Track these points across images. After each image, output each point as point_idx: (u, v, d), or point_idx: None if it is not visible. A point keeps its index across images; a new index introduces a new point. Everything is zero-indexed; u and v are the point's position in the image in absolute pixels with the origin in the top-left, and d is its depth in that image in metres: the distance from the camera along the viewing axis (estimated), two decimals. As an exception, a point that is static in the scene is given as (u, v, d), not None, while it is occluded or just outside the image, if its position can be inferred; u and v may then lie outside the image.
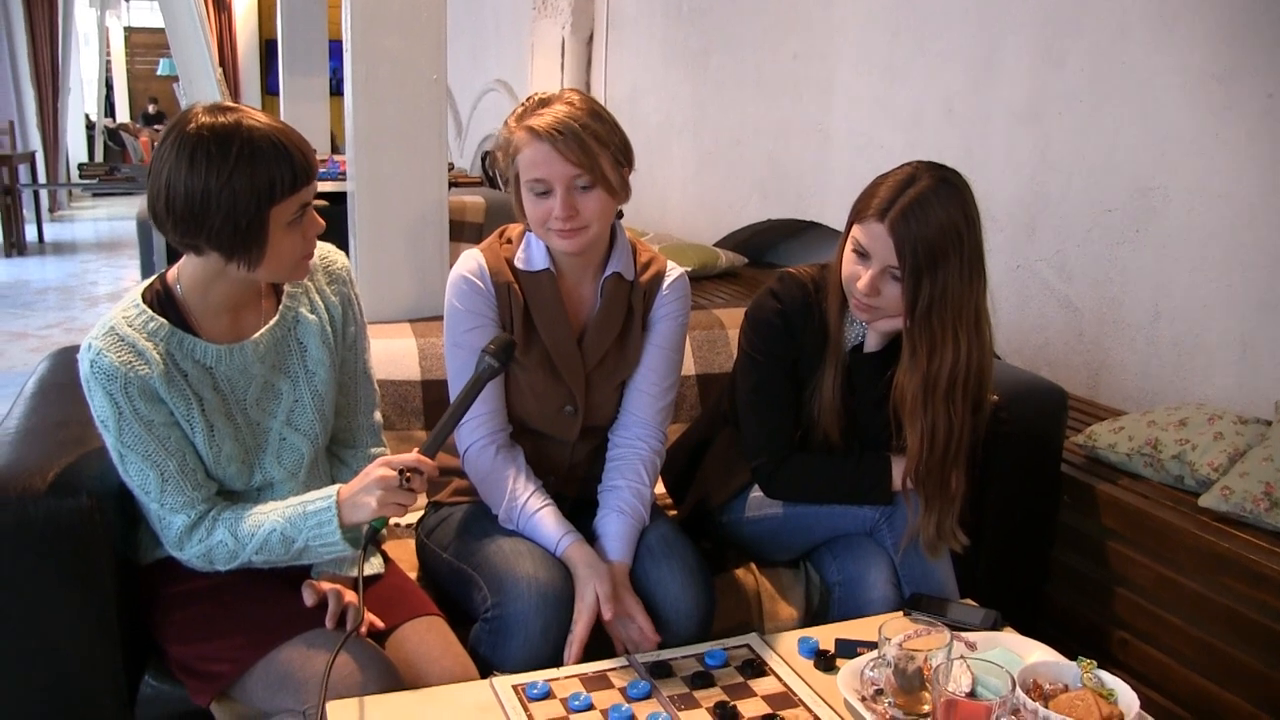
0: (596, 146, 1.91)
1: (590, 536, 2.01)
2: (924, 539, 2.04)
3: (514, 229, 2.11)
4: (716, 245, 5.29)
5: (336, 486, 1.76)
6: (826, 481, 2.11)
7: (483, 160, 7.48)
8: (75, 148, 13.52)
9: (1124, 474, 2.58)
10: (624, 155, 1.97)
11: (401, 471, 1.69)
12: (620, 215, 2.07)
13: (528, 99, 1.98)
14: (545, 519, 1.98)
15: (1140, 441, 2.55)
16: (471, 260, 2.05)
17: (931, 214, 1.87)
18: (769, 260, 5.47)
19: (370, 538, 1.76)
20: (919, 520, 2.03)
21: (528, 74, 7.46)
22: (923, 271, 1.89)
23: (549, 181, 1.91)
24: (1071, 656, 1.68)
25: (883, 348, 2.07)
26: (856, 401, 2.09)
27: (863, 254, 1.95)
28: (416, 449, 1.75)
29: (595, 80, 6.78)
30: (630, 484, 2.07)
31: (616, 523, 2.02)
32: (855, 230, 1.96)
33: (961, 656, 1.59)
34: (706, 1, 5.51)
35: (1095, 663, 1.63)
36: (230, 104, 1.67)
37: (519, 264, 2.05)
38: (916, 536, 2.04)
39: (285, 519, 1.74)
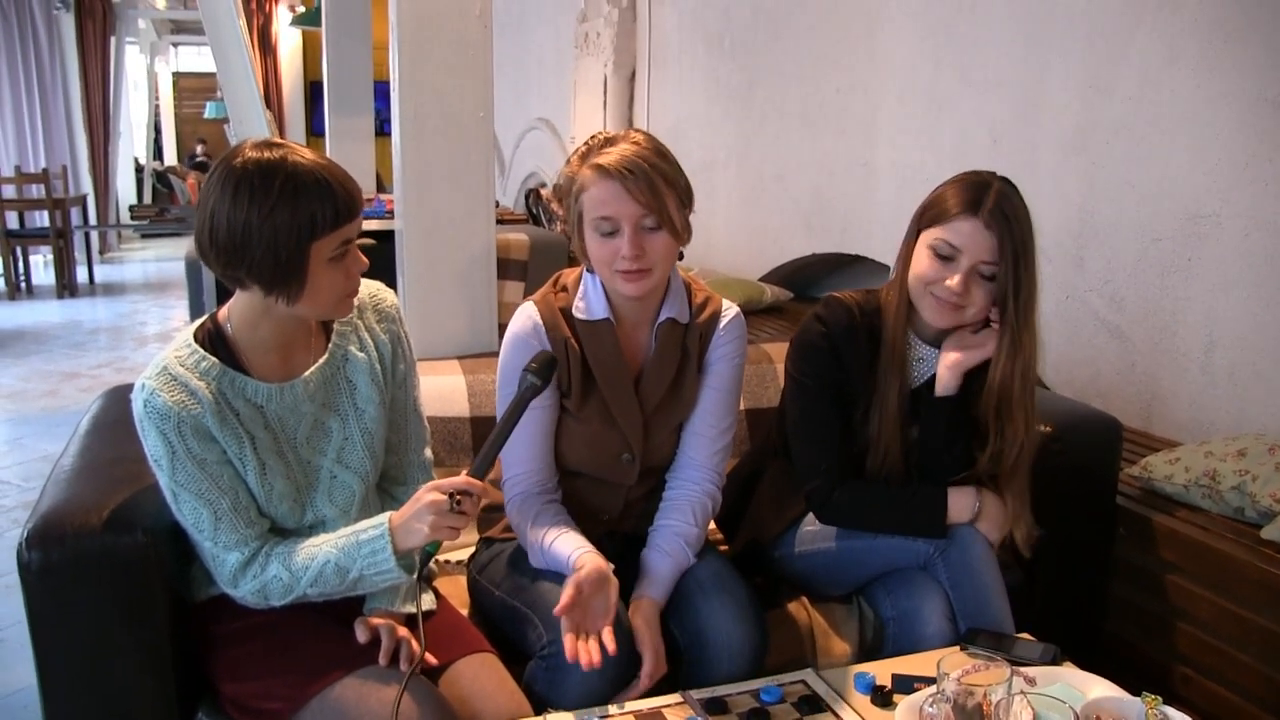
0: (664, 187, 1.90)
1: (639, 571, 2.01)
2: (1019, 536, 2.08)
3: (569, 275, 2.09)
4: (761, 280, 5.28)
5: (388, 514, 1.76)
6: (880, 510, 2.09)
7: (526, 198, 7.53)
8: (125, 190, 13.73)
9: (1182, 506, 2.54)
10: (687, 197, 1.97)
11: (451, 495, 1.69)
12: (681, 256, 2.05)
13: (592, 138, 1.97)
14: (561, 543, 1.94)
15: (1198, 473, 2.50)
16: (526, 319, 2.02)
17: (1018, 207, 1.97)
18: (814, 294, 5.45)
19: (424, 563, 1.76)
20: (1011, 517, 2.08)
21: (570, 112, 7.50)
22: (1019, 261, 1.95)
23: (616, 220, 1.89)
24: (1133, 693, 1.64)
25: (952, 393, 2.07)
26: (920, 436, 2.09)
27: (948, 256, 1.97)
28: (464, 470, 1.75)
29: (638, 117, 6.81)
30: (676, 524, 2.06)
31: (655, 560, 2.02)
32: (934, 233, 1.98)
33: (1022, 692, 1.56)
34: (749, 37, 5.52)
35: (1160, 699, 1.59)
36: (278, 140, 1.69)
37: (577, 313, 2.02)
38: (1009, 538, 2.10)
39: (339, 549, 1.75)
